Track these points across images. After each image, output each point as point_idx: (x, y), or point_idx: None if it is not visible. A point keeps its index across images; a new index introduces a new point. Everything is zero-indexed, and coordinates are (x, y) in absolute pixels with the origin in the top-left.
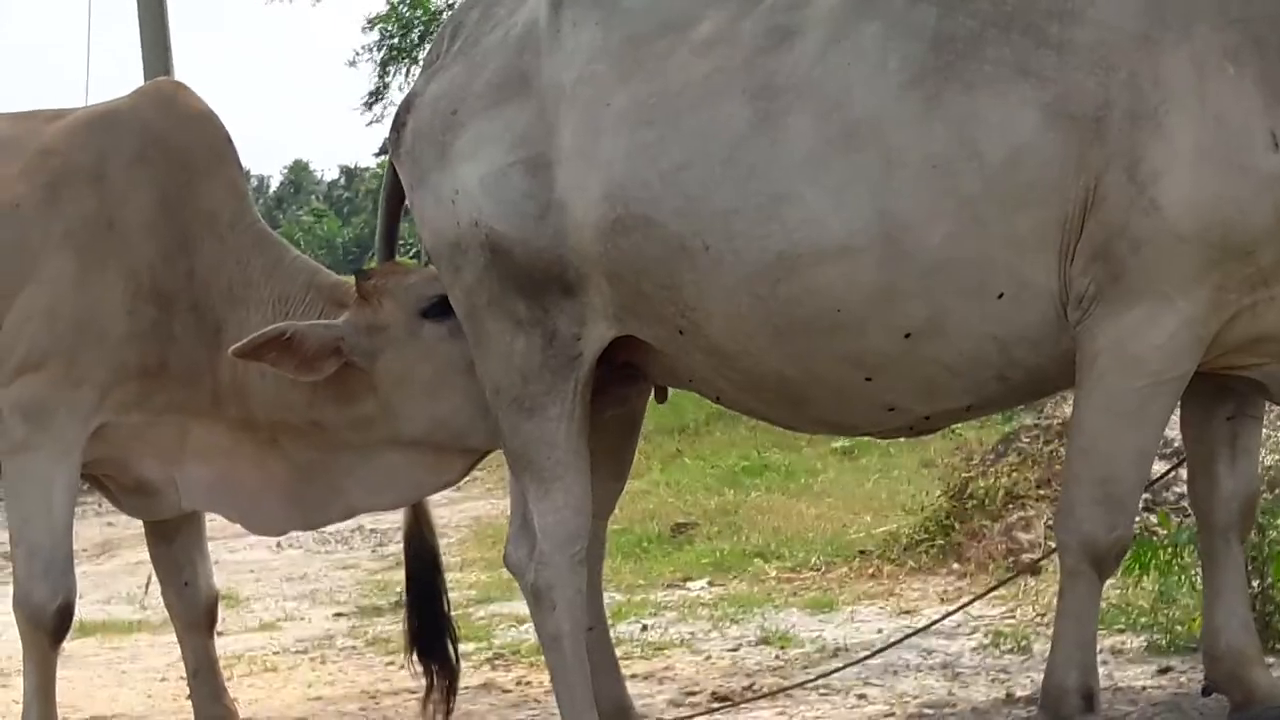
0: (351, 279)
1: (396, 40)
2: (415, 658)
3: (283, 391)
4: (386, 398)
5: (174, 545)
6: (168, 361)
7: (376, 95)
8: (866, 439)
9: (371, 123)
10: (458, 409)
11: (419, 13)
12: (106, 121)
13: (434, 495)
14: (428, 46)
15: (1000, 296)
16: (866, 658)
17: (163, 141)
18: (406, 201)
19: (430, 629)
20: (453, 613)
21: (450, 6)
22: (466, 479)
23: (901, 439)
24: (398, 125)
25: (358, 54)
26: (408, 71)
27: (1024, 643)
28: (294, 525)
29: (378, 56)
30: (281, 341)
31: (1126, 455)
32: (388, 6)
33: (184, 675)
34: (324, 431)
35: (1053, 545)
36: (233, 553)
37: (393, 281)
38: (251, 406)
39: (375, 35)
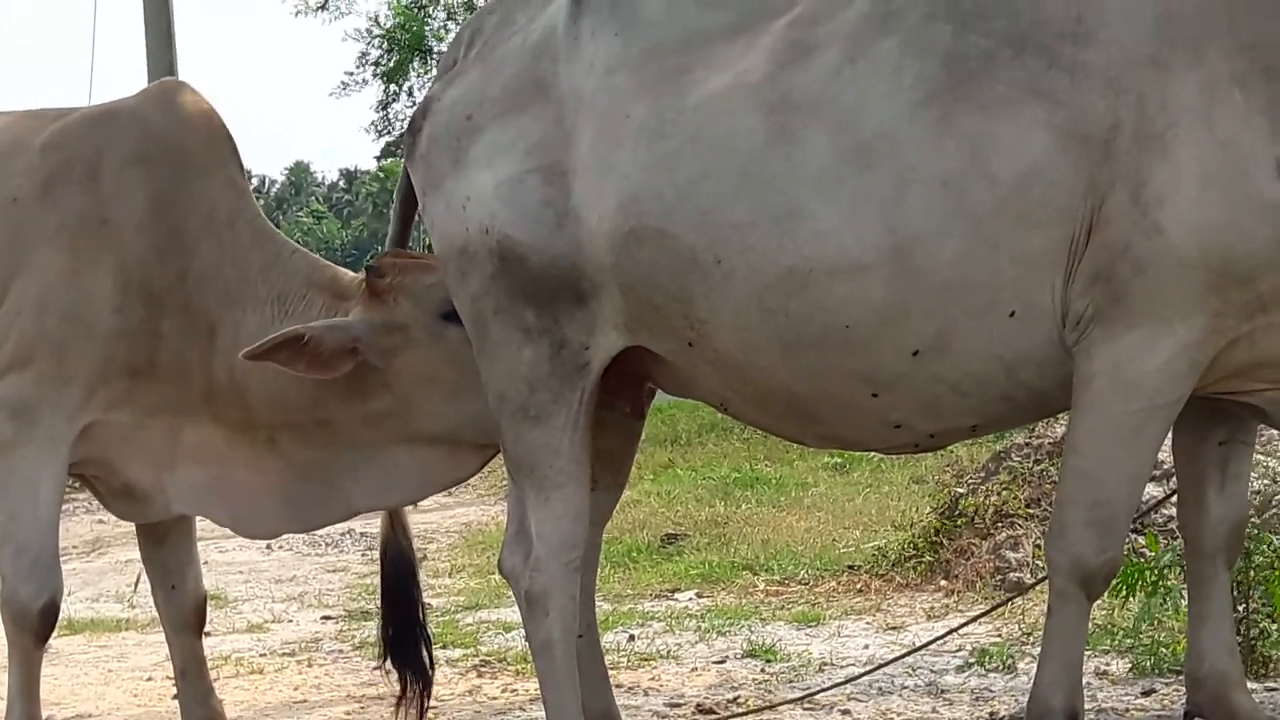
0: (352, 273)
1: (389, 57)
2: (389, 664)
3: (286, 391)
4: (406, 396)
5: (163, 546)
6: (156, 360)
7: (384, 105)
8: (859, 454)
9: (380, 135)
10: (484, 408)
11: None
12: (106, 119)
13: (422, 501)
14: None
15: (1010, 316)
16: (858, 676)
17: (161, 140)
18: (419, 206)
19: (405, 636)
20: (430, 619)
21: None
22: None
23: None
24: (413, 129)
25: (349, 75)
26: (411, 91)
27: (1009, 661)
28: (290, 528)
29: (365, 75)
30: (297, 344)
31: (1119, 478)
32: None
33: (171, 675)
34: (330, 429)
35: (1042, 565)
36: (222, 553)
37: (410, 280)
38: (252, 406)
39: (367, 49)
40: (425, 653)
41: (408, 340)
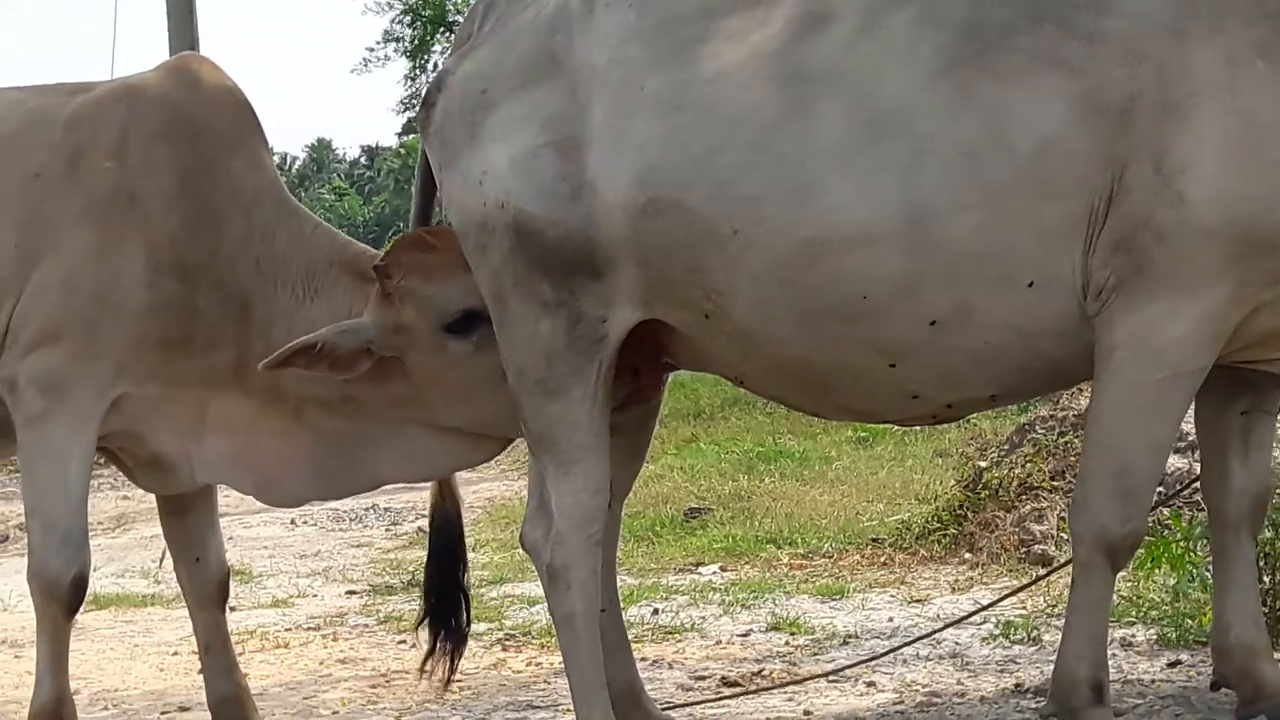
0: (374, 250)
1: (412, 33)
2: (426, 625)
3: None
4: (420, 391)
5: (186, 521)
6: (192, 335)
7: (408, 80)
8: (882, 427)
9: (404, 111)
10: (494, 408)
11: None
12: (130, 95)
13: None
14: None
15: (1029, 287)
16: (888, 653)
17: (186, 116)
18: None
19: (444, 599)
20: (471, 590)
21: None
22: None
23: (921, 427)
24: (427, 104)
25: (371, 50)
26: (436, 66)
27: (1033, 633)
28: (315, 495)
29: (387, 51)
30: (312, 351)
31: (1142, 448)
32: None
33: (196, 650)
34: (356, 404)
35: (1066, 537)
36: (247, 528)
37: (413, 285)
38: (282, 379)
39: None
40: (463, 615)
41: (414, 343)
